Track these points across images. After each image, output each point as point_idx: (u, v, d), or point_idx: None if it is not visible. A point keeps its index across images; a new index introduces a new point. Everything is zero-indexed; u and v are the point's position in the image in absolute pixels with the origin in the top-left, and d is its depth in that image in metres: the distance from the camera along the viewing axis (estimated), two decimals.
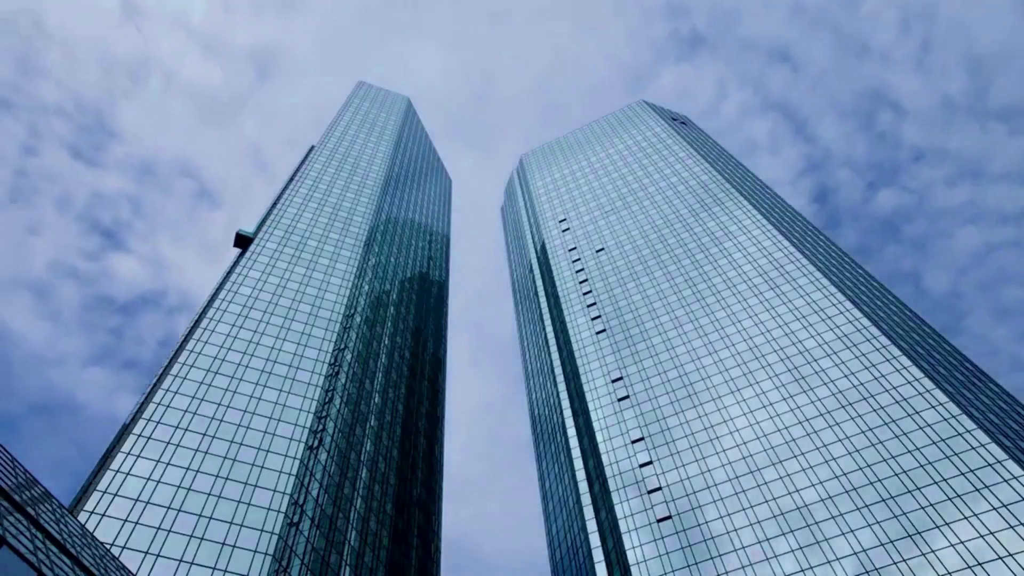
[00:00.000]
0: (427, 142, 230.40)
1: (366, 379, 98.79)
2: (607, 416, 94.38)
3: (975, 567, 58.67)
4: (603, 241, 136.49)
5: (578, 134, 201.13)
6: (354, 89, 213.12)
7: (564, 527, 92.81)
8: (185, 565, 57.29)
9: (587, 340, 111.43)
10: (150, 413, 70.27)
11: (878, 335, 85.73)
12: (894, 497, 67.34)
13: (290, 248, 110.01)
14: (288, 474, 69.78)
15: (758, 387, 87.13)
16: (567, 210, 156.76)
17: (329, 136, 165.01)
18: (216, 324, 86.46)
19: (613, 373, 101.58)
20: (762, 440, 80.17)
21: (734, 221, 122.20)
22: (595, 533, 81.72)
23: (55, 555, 28.08)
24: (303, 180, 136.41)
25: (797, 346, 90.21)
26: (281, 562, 61.43)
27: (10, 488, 28.98)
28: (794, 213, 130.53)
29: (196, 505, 62.77)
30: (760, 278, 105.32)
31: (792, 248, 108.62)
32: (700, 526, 74.33)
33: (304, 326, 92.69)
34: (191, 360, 79.27)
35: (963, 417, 71.39)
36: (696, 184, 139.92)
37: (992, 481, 64.48)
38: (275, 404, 78.02)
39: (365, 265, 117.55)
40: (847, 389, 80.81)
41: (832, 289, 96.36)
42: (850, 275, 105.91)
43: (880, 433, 74.09)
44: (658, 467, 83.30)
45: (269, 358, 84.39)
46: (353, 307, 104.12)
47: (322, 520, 70.93)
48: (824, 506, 70.03)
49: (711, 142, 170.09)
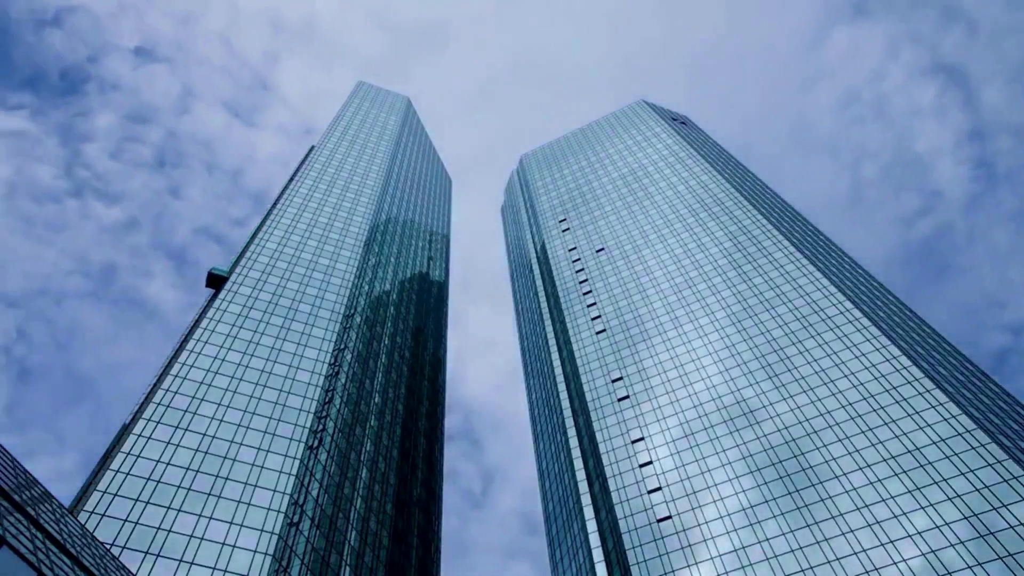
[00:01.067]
0: (427, 142, 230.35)
1: (366, 379, 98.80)
2: (607, 416, 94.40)
3: (975, 567, 58.70)
4: (603, 241, 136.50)
5: (578, 134, 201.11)
6: (354, 89, 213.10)
7: (564, 527, 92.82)
8: (185, 565, 57.30)
9: (587, 340, 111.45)
10: (150, 413, 70.28)
11: (878, 335, 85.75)
12: (894, 497, 67.36)
13: (290, 248, 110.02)
14: (288, 474, 69.79)
15: (758, 388, 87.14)
16: (567, 210, 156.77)
17: (329, 136, 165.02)
18: (216, 324, 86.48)
19: (613, 373, 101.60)
20: (762, 440, 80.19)
21: (734, 221, 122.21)
22: (595, 532, 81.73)
23: (55, 555, 28.08)
24: (303, 180, 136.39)
25: (797, 346, 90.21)
26: (281, 562, 61.43)
27: (10, 488, 28.98)
28: (794, 213, 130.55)
29: (196, 505, 62.77)
30: (760, 278, 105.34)
31: (792, 248, 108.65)
32: (700, 526, 74.33)
33: (304, 326, 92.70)
34: (191, 360, 79.28)
35: (963, 417, 71.40)
36: (696, 184, 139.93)
37: (992, 481, 64.51)
38: (275, 404, 78.02)
39: (365, 265, 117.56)
40: (847, 389, 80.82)
41: (832, 289, 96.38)
42: (850, 275, 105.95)
43: (880, 433, 74.10)
44: (658, 467, 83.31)
45: (269, 358, 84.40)
46: (353, 307, 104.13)
47: (322, 520, 70.93)
48: (824, 506, 70.06)
49: (711, 142, 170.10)
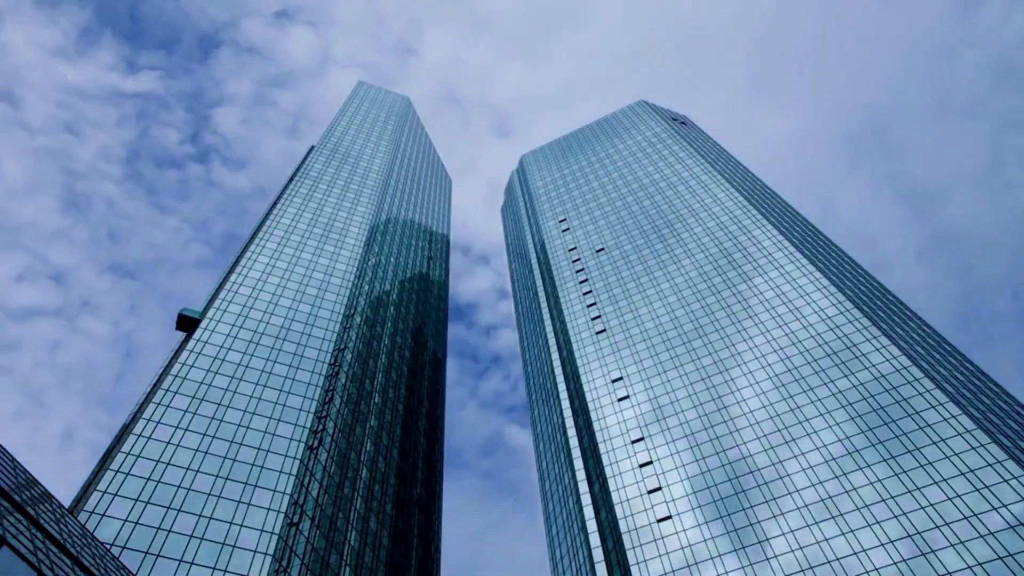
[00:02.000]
0: (427, 142, 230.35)
1: (366, 379, 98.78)
2: (607, 416, 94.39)
3: (975, 567, 58.67)
4: (603, 241, 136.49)
5: (578, 134, 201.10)
6: (354, 89, 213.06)
7: (564, 527, 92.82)
8: (185, 565, 57.30)
9: (587, 340, 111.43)
10: (150, 413, 70.28)
11: (878, 335, 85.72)
12: (894, 497, 67.34)
13: (290, 248, 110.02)
14: (288, 474, 69.78)
15: (758, 387, 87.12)
16: (567, 210, 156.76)
17: (329, 136, 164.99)
18: (216, 324, 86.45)
19: (613, 373, 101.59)
20: (762, 440, 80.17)
21: (734, 221, 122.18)
22: (595, 533, 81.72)
23: (55, 555, 28.08)
24: (303, 180, 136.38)
25: (797, 346, 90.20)
26: (281, 562, 61.43)
27: (10, 488, 28.98)
28: (794, 212, 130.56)
29: (196, 505, 62.77)
30: (760, 278, 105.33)
31: (792, 248, 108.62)
32: (700, 526, 74.33)
33: (304, 326, 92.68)
34: (191, 360, 79.27)
35: (963, 417, 71.38)
36: (696, 184, 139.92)
37: (992, 481, 64.48)
38: (275, 404, 78.01)
39: (365, 265, 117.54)
40: (847, 389, 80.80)
41: (832, 289, 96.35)
42: (850, 273, 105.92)
43: (880, 433, 74.09)
44: (658, 467, 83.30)
45: (269, 358, 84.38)
46: (353, 307, 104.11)
47: (322, 520, 70.92)
48: (824, 506, 70.02)
49: (711, 142, 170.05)
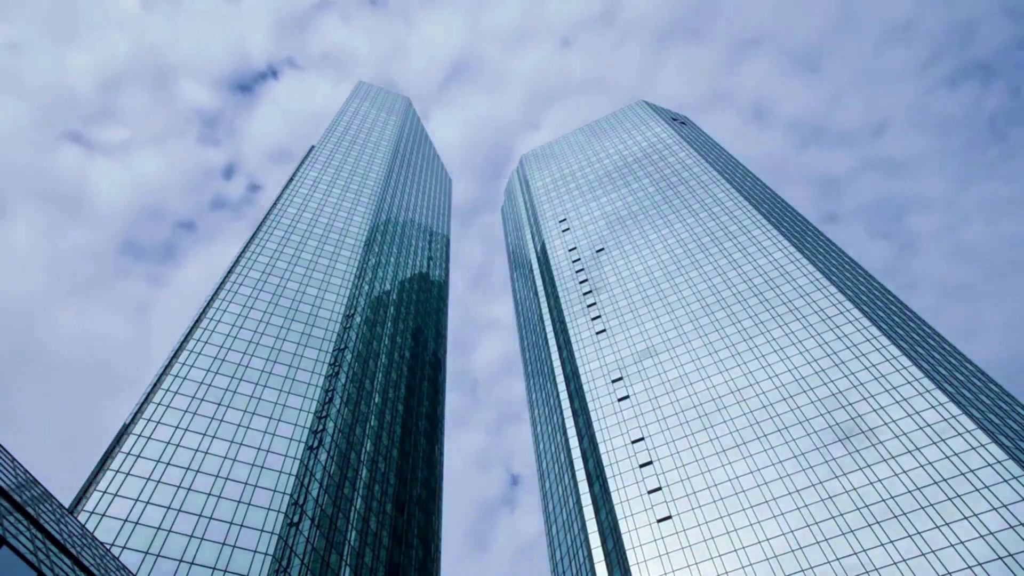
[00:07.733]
0: (427, 142, 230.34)
1: (366, 379, 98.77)
2: (607, 416, 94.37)
3: (975, 567, 58.67)
4: (603, 241, 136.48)
5: (578, 134, 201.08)
6: (354, 89, 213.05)
7: (564, 527, 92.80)
8: (185, 565, 57.29)
9: (587, 340, 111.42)
10: (150, 413, 70.28)
11: (878, 335, 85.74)
12: (894, 497, 67.34)
13: (290, 248, 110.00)
14: (288, 474, 69.78)
15: (758, 387, 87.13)
16: (567, 210, 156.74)
17: (329, 136, 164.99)
18: (216, 324, 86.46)
19: (613, 373, 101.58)
20: (762, 440, 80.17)
21: (734, 221, 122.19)
22: (595, 533, 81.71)
23: (55, 555, 28.07)
24: (303, 180, 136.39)
25: (797, 346, 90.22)
26: (281, 562, 61.43)
27: (10, 488, 28.97)
28: (795, 214, 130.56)
29: (196, 505, 62.77)
30: (760, 278, 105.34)
31: (793, 249, 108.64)
32: (700, 526, 74.33)
33: (304, 326, 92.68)
34: (191, 360, 79.28)
35: (963, 417, 71.38)
36: (696, 184, 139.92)
37: (992, 481, 64.48)
38: (275, 404, 78.01)
39: (365, 265, 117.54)
40: (847, 389, 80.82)
41: (832, 289, 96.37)
42: (850, 275, 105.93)
43: (880, 433, 74.09)
44: (658, 467, 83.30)
45: (269, 358, 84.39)
46: (353, 307, 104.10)
47: (322, 520, 70.92)
48: (824, 506, 70.04)
49: (711, 142, 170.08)
